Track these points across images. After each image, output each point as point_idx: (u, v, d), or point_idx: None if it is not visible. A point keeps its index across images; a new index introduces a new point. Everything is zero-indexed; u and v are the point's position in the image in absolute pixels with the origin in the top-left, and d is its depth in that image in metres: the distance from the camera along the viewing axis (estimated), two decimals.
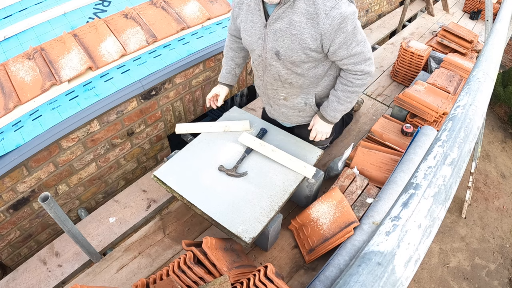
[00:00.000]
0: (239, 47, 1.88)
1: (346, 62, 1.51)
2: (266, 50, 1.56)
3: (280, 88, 1.72)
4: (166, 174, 1.77)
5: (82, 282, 1.73)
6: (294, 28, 1.41)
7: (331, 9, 1.33)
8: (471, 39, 3.44)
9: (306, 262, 1.78)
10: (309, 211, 1.83)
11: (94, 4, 2.42)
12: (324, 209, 1.80)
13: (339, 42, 1.41)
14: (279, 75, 1.63)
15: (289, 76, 1.62)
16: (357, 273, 0.53)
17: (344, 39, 1.41)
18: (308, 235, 1.81)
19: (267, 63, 1.62)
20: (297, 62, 1.52)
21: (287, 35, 1.44)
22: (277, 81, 1.68)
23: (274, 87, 1.74)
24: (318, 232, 1.76)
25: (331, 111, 1.70)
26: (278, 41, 1.48)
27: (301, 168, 1.77)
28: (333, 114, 1.71)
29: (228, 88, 1.96)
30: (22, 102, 1.87)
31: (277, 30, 1.45)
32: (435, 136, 0.78)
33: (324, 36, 1.39)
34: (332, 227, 1.72)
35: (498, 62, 1.08)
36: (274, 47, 1.51)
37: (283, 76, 1.63)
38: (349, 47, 1.44)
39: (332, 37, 1.39)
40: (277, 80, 1.68)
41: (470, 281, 3.60)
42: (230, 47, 1.89)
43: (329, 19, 1.34)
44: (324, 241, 1.71)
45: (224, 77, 1.95)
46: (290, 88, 1.70)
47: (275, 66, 1.60)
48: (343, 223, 1.68)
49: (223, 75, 1.95)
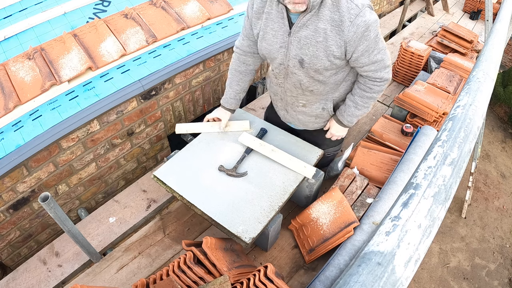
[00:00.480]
0: (246, 70, 1.83)
1: (366, 69, 1.53)
2: (289, 58, 1.55)
3: (300, 95, 1.73)
4: (166, 174, 1.77)
5: (82, 282, 1.73)
6: (320, 35, 1.42)
7: (356, 17, 1.35)
8: (471, 39, 3.44)
9: (306, 262, 1.78)
10: (309, 211, 1.83)
11: (94, 4, 2.42)
12: (324, 209, 1.80)
13: (361, 49, 1.43)
14: (301, 83, 1.64)
15: (311, 83, 1.63)
16: (357, 273, 0.53)
17: (367, 46, 1.43)
18: (308, 235, 1.81)
19: (289, 71, 1.61)
20: (320, 69, 1.53)
21: (312, 42, 1.45)
22: (297, 88, 1.69)
23: (294, 94, 1.74)
24: (318, 232, 1.76)
25: (348, 116, 1.73)
26: (302, 48, 1.48)
27: (301, 168, 1.77)
28: (349, 119, 1.74)
29: (230, 113, 1.92)
30: (22, 102, 1.87)
31: (302, 38, 1.46)
32: (435, 136, 0.78)
33: (348, 43, 1.41)
34: (332, 227, 1.72)
35: (498, 62, 1.08)
36: (298, 55, 1.51)
37: (305, 84, 1.63)
38: (370, 54, 1.46)
39: (355, 44, 1.41)
40: (297, 88, 1.68)
41: (470, 281, 3.60)
42: (238, 70, 1.82)
43: (354, 27, 1.36)
44: (324, 241, 1.71)
45: (228, 102, 1.88)
46: (310, 95, 1.71)
47: (297, 74, 1.60)
48: (343, 223, 1.68)
49: (227, 100, 1.88)
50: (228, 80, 1.88)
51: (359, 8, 1.35)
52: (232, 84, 1.86)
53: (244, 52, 1.78)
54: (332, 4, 1.36)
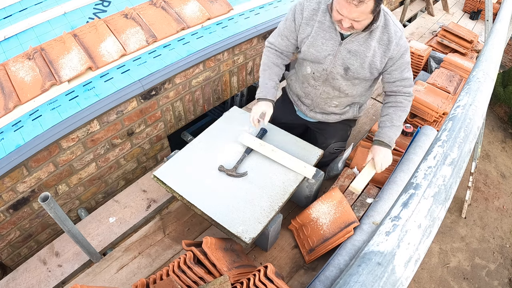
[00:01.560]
0: (283, 62, 1.90)
1: (398, 84, 1.73)
2: (334, 65, 1.71)
3: (335, 97, 1.87)
4: (166, 174, 1.77)
5: (82, 282, 1.73)
6: (369, 51, 1.62)
7: (399, 39, 1.60)
8: (471, 39, 3.44)
9: (306, 262, 1.78)
10: (309, 211, 1.83)
11: (94, 4, 2.42)
12: (324, 209, 1.80)
13: (397, 65, 1.67)
14: (340, 87, 1.79)
15: (348, 88, 1.79)
16: (357, 273, 0.53)
17: (401, 63, 1.67)
18: (308, 235, 1.81)
19: (330, 76, 1.76)
20: (361, 78, 1.73)
21: (361, 55, 1.64)
22: (335, 91, 1.83)
23: (329, 96, 1.87)
24: (318, 232, 1.76)
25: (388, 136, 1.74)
26: (350, 59, 1.66)
27: (301, 168, 1.77)
28: (391, 136, 1.74)
29: (272, 104, 1.82)
30: (22, 102, 1.87)
31: (352, 50, 1.64)
32: (435, 136, 0.78)
33: (390, 59, 1.65)
34: (332, 227, 1.72)
35: (498, 62, 1.08)
36: (345, 63, 1.68)
37: (343, 88, 1.79)
38: (403, 71, 1.69)
39: (395, 60, 1.65)
40: (335, 91, 1.83)
41: (470, 281, 3.60)
42: (275, 63, 1.84)
43: (398, 47, 1.61)
44: (324, 241, 1.71)
45: (270, 92, 1.80)
46: (345, 97, 1.86)
47: (338, 80, 1.76)
48: (343, 223, 1.68)
49: (269, 91, 1.80)
50: (265, 73, 1.83)
51: (401, 31, 1.61)
52: (272, 75, 1.83)
53: (279, 49, 1.86)
54: (383, 26, 1.58)
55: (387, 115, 1.77)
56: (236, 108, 2.17)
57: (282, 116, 2.13)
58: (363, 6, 1.35)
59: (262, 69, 1.86)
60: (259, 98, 1.81)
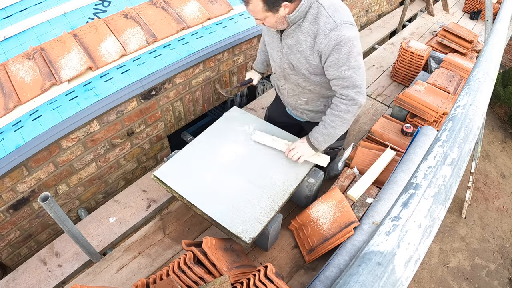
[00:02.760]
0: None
1: (335, 83, 1.57)
2: (284, 61, 1.69)
3: (301, 93, 1.82)
4: (166, 174, 1.77)
5: (82, 282, 1.73)
6: (300, 45, 1.54)
7: (330, 31, 1.43)
8: (471, 39, 3.44)
9: (306, 262, 1.78)
10: (309, 211, 1.83)
11: (94, 4, 2.42)
12: (324, 209, 1.80)
13: (331, 60, 1.49)
14: (298, 83, 1.74)
15: (307, 84, 1.71)
16: (357, 273, 0.53)
17: (337, 59, 1.48)
18: (308, 235, 1.81)
19: (285, 73, 1.74)
20: (306, 74, 1.64)
21: (295, 51, 1.58)
22: (298, 87, 1.78)
23: (295, 93, 1.84)
24: (318, 232, 1.76)
25: (315, 133, 1.71)
26: (290, 55, 1.62)
27: (315, 157, 1.81)
28: (316, 136, 1.70)
29: (260, 75, 2.16)
30: (22, 102, 1.87)
31: (289, 46, 1.59)
32: (435, 136, 0.78)
33: (322, 53, 1.50)
34: (332, 227, 1.72)
35: (498, 62, 1.08)
36: (288, 60, 1.65)
37: (301, 84, 1.73)
38: (339, 68, 1.50)
39: (327, 55, 1.49)
40: (298, 87, 1.78)
41: (470, 281, 3.60)
42: (262, 49, 2.08)
43: (326, 39, 1.44)
44: (324, 241, 1.71)
45: (257, 65, 2.15)
46: (310, 93, 1.79)
47: (293, 75, 1.72)
48: (343, 223, 1.68)
49: (256, 64, 2.15)
50: (259, 49, 2.12)
51: (336, 23, 1.43)
52: (261, 53, 2.10)
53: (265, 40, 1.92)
54: (312, 19, 1.46)
55: (325, 114, 1.67)
56: (236, 108, 2.18)
57: (277, 116, 2.15)
58: (251, 5, 1.40)
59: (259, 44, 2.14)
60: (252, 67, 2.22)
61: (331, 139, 1.69)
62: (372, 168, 1.97)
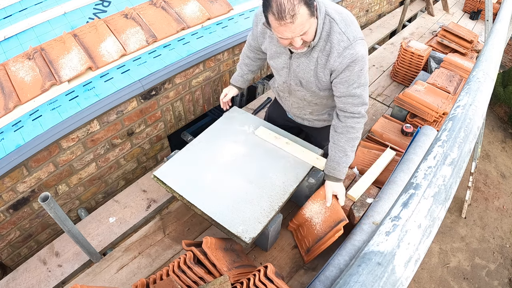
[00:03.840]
0: (256, 56, 1.92)
1: (344, 101, 1.54)
2: (291, 78, 1.65)
3: (306, 106, 1.81)
4: (166, 174, 1.77)
5: (82, 282, 1.73)
6: (312, 63, 1.51)
7: (344, 49, 1.40)
8: (471, 39, 3.44)
9: (305, 262, 1.78)
10: (303, 211, 1.83)
11: (94, 4, 2.42)
12: (315, 209, 1.80)
13: (341, 78, 1.47)
14: (304, 98, 1.73)
15: (313, 98, 1.71)
16: (357, 273, 0.53)
17: (348, 77, 1.46)
18: (304, 235, 1.81)
19: (292, 88, 1.71)
20: (316, 91, 1.62)
21: (306, 69, 1.54)
22: (303, 101, 1.77)
23: (300, 105, 1.83)
24: (312, 232, 1.76)
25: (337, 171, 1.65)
26: (300, 72, 1.58)
27: (313, 160, 1.82)
28: (342, 170, 1.66)
29: (237, 89, 2.06)
30: (22, 102, 1.87)
31: (300, 63, 1.55)
32: (435, 136, 0.78)
33: (333, 71, 1.48)
34: (324, 227, 1.72)
35: (498, 62, 1.08)
36: (297, 77, 1.61)
37: (308, 98, 1.72)
38: (350, 86, 1.48)
39: (339, 72, 1.47)
40: (303, 101, 1.77)
41: (470, 281, 3.60)
42: (247, 55, 1.94)
43: (340, 58, 1.41)
44: (318, 240, 1.71)
45: (235, 79, 2.04)
46: (316, 106, 1.78)
47: (300, 91, 1.69)
48: (333, 222, 1.68)
49: (235, 78, 2.04)
50: (239, 62, 2.02)
51: (350, 41, 1.39)
52: (241, 65, 2.00)
53: (253, 48, 1.88)
54: (326, 35, 1.41)
55: (338, 145, 1.62)
56: (236, 108, 2.17)
57: (278, 118, 2.14)
58: (299, 17, 1.21)
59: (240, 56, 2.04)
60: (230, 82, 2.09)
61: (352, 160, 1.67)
62: (372, 168, 1.96)
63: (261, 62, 1.97)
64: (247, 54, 1.93)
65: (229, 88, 2.06)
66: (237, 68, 2.04)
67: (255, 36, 1.74)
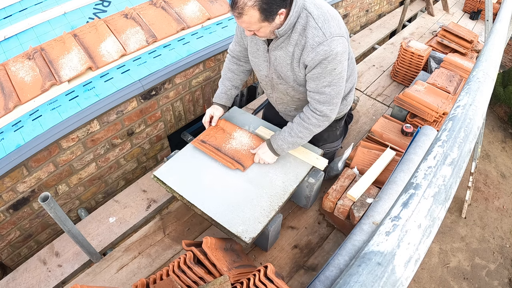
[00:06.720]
0: (238, 69, 1.89)
1: (312, 96, 1.55)
2: (271, 72, 1.64)
3: (290, 101, 1.79)
4: (166, 174, 1.77)
5: (82, 282, 1.73)
6: (289, 57, 1.50)
7: (318, 45, 1.38)
8: (471, 39, 3.43)
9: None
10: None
11: (94, 4, 2.42)
12: (245, 141, 1.79)
13: (313, 73, 1.47)
14: (287, 92, 1.71)
15: (295, 93, 1.69)
16: (357, 273, 0.53)
17: (319, 74, 1.45)
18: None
19: (273, 82, 1.70)
20: (294, 85, 1.61)
21: (283, 63, 1.54)
22: (286, 96, 1.75)
23: (284, 101, 1.81)
24: (236, 151, 1.72)
25: (279, 140, 1.70)
26: (278, 66, 1.57)
27: (313, 160, 1.82)
28: (280, 143, 1.69)
29: (222, 109, 1.94)
30: (22, 102, 1.87)
31: (277, 57, 1.54)
32: (435, 136, 0.78)
33: (306, 65, 1.47)
34: (238, 155, 1.71)
35: (498, 62, 1.08)
36: (276, 70, 1.61)
37: (290, 93, 1.70)
38: (319, 83, 1.48)
39: (311, 68, 1.46)
40: (286, 95, 1.75)
41: (470, 281, 3.60)
42: (229, 69, 1.89)
43: (313, 53, 1.40)
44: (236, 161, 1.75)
45: (219, 97, 1.92)
46: (299, 101, 1.77)
47: (282, 85, 1.68)
48: (239, 159, 1.67)
49: (218, 95, 1.93)
50: (221, 79, 1.94)
51: (325, 37, 1.37)
52: (224, 80, 1.92)
53: (237, 56, 1.85)
54: (301, 29, 1.41)
55: (292, 123, 1.66)
56: (236, 108, 2.17)
57: (272, 117, 2.14)
58: (246, 17, 1.30)
59: (221, 72, 1.95)
60: (212, 102, 1.96)
61: (295, 147, 1.71)
62: (372, 168, 1.96)
63: (244, 76, 1.93)
64: (229, 67, 1.88)
65: (213, 109, 1.93)
66: (219, 85, 1.93)
67: (239, 38, 1.74)
